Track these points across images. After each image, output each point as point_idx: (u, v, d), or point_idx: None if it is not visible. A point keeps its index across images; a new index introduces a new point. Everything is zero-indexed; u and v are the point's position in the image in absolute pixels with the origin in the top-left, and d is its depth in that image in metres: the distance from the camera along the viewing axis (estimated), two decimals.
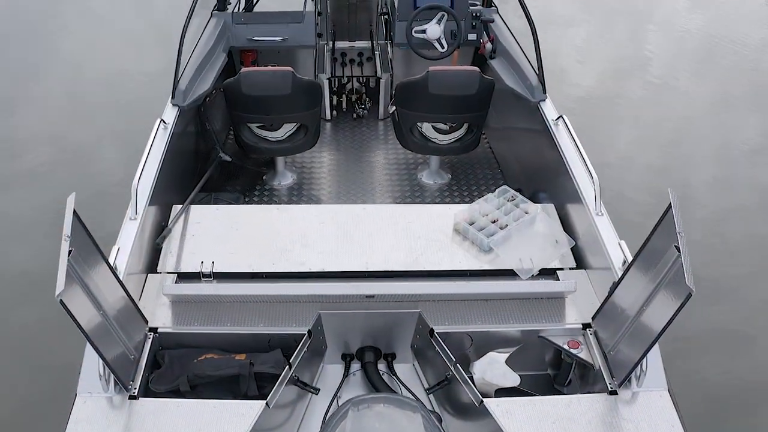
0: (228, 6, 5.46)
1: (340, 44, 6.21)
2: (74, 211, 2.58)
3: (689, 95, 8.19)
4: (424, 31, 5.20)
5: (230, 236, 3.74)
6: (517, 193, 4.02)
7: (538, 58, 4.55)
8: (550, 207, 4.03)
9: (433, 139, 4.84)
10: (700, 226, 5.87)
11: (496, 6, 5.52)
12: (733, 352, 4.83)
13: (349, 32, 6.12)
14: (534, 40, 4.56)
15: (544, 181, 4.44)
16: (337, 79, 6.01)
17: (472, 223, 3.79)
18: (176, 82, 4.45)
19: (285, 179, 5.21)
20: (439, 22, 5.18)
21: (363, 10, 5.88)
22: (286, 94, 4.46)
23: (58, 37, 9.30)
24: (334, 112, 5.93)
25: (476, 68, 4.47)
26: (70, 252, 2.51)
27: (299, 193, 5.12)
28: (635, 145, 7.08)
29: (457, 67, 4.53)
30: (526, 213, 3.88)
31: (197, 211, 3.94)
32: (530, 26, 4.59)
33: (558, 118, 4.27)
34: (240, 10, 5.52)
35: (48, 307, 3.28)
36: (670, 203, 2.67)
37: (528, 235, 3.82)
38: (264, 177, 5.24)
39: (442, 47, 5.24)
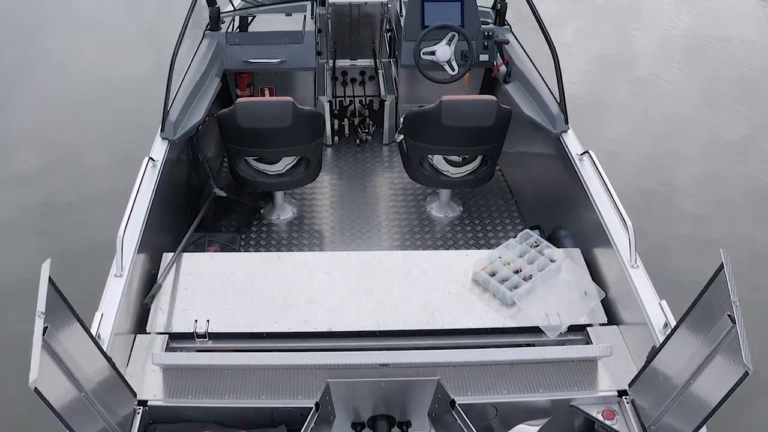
0: (221, 26, 5.18)
1: (341, 63, 5.95)
2: (50, 278, 2.31)
3: (676, 92, 8.29)
4: (432, 53, 4.94)
5: (227, 289, 3.47)
6: (541, 239, 3.77)
7: (560, 85, 4.29)
8: (576, 252, 3.78)
9: (444, 172, 4.58)
10: (688, 221, 6.08)
11: (509, 24, 5.26)
12: None
13: (351, 50, 5.87)
14: (555, 65, 4.31)
15: (567, 219, 4.19)
16: (338, 101, 5.75)
17: (493, 274, 3.54)
18: (166, 113, 4.17)
19: (284, 213, 4.94)
20: (449, 42, 4.93)
21: (365, 27, 5.63)
22: (286, 126, 4.20)
23: (47, 39, 9.26)
24: (336, 138, 5.66)
25: (493, 97, 4.21)
26: (45, 329, 2.25)
27: (300, 228, 4.86)
28: (622, 141, 7.05)
29: (472, 96, 4.27)
30: (551, 261, 3.63)
31: (190, 259, 3.67)
32: (551, 51, 4.34)
33: (583, 153, 4.02)
34: (234, 30, 5.25)
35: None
36: (722, 264, 2.43)
37: (554, 286, 3.56)
38: (262, 211, 4.97)
39: (453, 69, 4.98)
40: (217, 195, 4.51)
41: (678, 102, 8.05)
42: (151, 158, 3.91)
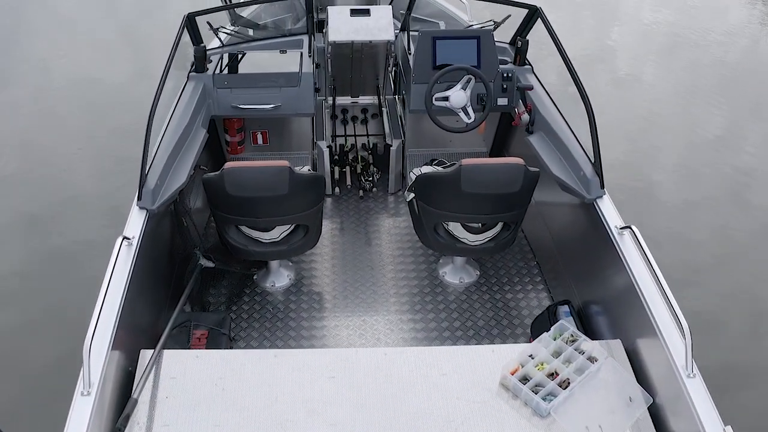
0: (207, 66, 4.77)
1: (341, 100, 5.55)
2: None
3: (654, 87, 8.54)
4: (446, 98, 4.53)
5: (215, 398, 3.06)
6: (579, 333, 3.37)
7: (595, 142, 3.90)
8: (617, 345, 3.38)
9: (462, 239, 4.18)
10: (666, 216, 6.26)
11: (530, 64, 4.86)
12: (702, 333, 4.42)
13: (352, 87, 5.47)
14: (589, 118, 3.91)
15: (601, 296, 3.79)
16: (338, 145, 5.35)
17: (524, 379, 3.14)
18: (143, 178, 3.75)
19: (280, 279, 4.54)
20: (464, 87, 4.53)
21: (368, 63, 5.24)
22: (282, 194, 3.80)
23: (26, 41, 9.37)
24: (337, 189, 5.24)
25: (520, 161, 3.81)
26: None
27: (297, 297, 4.45)
28: (601, 137, 7.00)
29: (496, 160, 3.87)
30: (590, 360, 3.24)
31: (172, 359, 3.25)
32: (584, 102, 3.95)
33: (624, 228, 3.62)
34: (222, 70, 4.84)
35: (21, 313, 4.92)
36: None
37: (594, 391, 3.17)
38: (255, 277, 4.57)
39: (468, 117, 4.58)
40: (204, 267, 4.11)
41: (656, 97, 8.32)
42: (125, 237, 3.50)
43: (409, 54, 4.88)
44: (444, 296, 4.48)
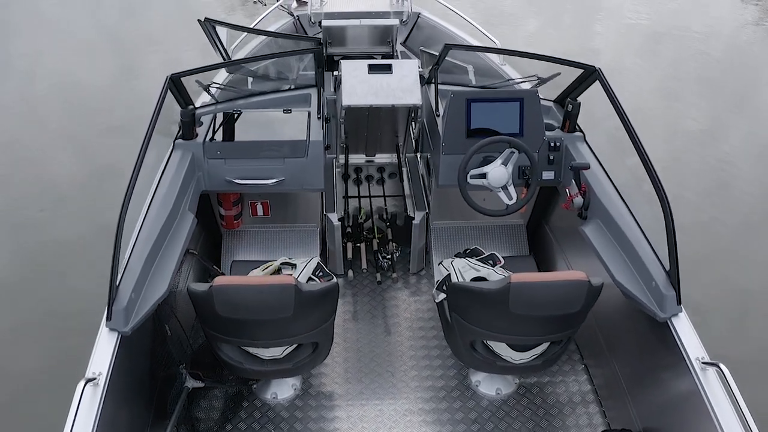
0: (197, 132, 4.08)
1: (354, 158, 4.87)
2: None
3: (637, 83, 8.73)
4: (483, 176, 3.85)
5: None
6: None
7: (672, 249, 3.20)
8: None
9: (504, 357, 3.50)
10: (649, 210, 6.08)
11: (582, 131, 4.17)
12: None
13: (367, 146, 4.79)
14: (666, 218, 3.21)
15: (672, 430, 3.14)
16: (351, 214, 4.66)
17: None
18: (113, 290, 3.05)
19: (283, 390, 3.85)
20: (506, 162, 3.84)
21: (387, 120, 4.57)
22: (287, 316, 3.11)
23: (9, 43, 9.58)
24: (350, 272, 4.54)
25: (582, 276, 3.11)
26: None
27: (304, 413, 3.75)
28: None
29: (554, 276, 3.18)
30: None
31: None
32: (660, 196, 3.26)
33: (710, 364, 2.95)
34: (215, 132, 4.15)
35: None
36: None
37: None
38: (254, 387, 3.89)
39: (510, 197, 3.89)
40: (191, 388, 3.43)
41: (637, 94, 8.40)
42: (88, 380, 2.81)
43: (437, 116, 4.19)
44: (478, 410, 3.80)
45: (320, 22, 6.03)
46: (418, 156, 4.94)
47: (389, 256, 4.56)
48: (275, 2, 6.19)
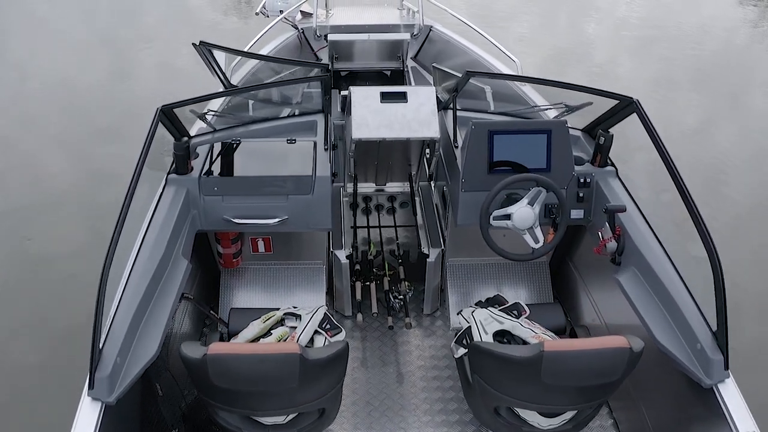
0: (192, 165, 3.73)
1: (363, 187, 4.53)
2: None
3: (630, 80, 8.81)
4: (507, 216, 3.50)
5: None
6: None
7: (720, 308, 2.86)
8: None
9: (531, 423, 3.15)
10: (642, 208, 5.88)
11: (614, 165, 3.81)
12: None
13: (377, 175, 4.45)
14: (714, 274, 2.86)
15: None
16: (360, 250, 4.30)
17: None
18: (96, 354, 2.70)
19: None
20: (532, 202, 3.49)
21: (399, 149, 4.23)
22: (291, 387, 2.77)
23: (1, 42, 9.66)
24: (360, 315, 4.16)
25: (623, 342, 2.76)
26: None
27: None
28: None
29: (591, 343, 2.82)
30: None
31: None
32: (707, 248, 2.91)
33: None
34: (212, 164, 3.81)
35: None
36: None
37: None
38: None
39: (536, 240, 3.54)
40: None
41: (630, 91, 8.37)
42: None
43: (456, 147, 3.83)
44: None
45: (326, 36, 5.68)
46: (433, 185, 4.59)
47: (401, 297, 4.20)
48: (278, 14, 5.82)
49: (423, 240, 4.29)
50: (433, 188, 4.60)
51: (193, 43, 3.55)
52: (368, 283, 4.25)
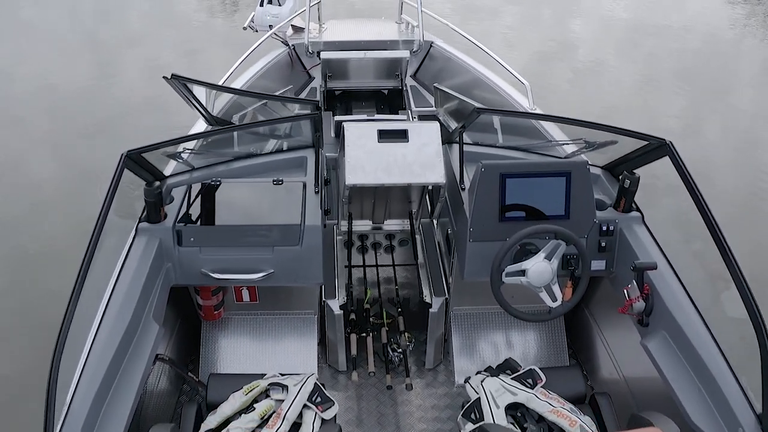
0: (164, 212, 3.32)
1: (359, 225, 4.13)
2: None
3: (615, 77, 8.86)
4: (522, 272, 3.10)
5: None
6: None
7: (767, 384, 2.47)
8: None
9: None
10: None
11: (640, 210, 3.40)
12: None
13: (374, 214, 4.05)
14: (761, 347, 2.49)
15: None
16: (354, 298, 3.89)
17: None
18: None
19: None
20: (550, 256, 3.09)
21: (398, 191, 3.82)
22: None
23: None
24: (355, 374, 3.69)
25: None
26: None
27: None
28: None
29: None
30: None
31: None
32: (754, 324, 2.52)
33: None
34: (189, 207, 3.40)
35: None
36: None
37: None
38: None
39: (554, 299, 3.14)
40: None
41: (615, 88, 8.61)
42: None
43: (462, 188, 3.43)
44: None
45: (319, 53, 5.27)
46: (435, 222, 4.19)
47: (399, 350, 3.79)
48: (268, 29, 5.40)
49: (425, 286, 3.88)
50: (435, 225, 4.21)
51: (164, 77, 3.13)
52: (364, 334, 3.84)
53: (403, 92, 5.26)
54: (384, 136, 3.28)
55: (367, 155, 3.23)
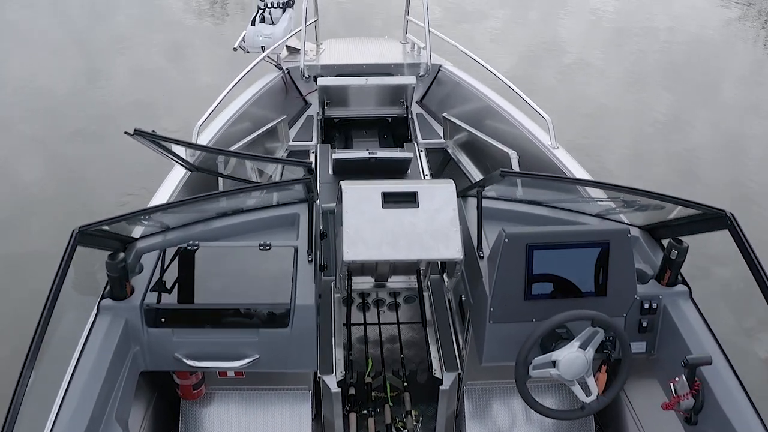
0: (131, 287, 2.83)
1: (359, 282, 3.66)
2: None
3: (603, 76, 9.00)
4: (552, 363, 2.62)
5: None
6: None
7: None
8: None
9: None
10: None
11: (687, 284, 2.91)
12: None
13: (377, 271, 3.58)
14: None
15: None
16: (354, 370, 3.42)
17: None
18: None
19: None
20: (585, 345, 2.61)
21: None
22: None
23: None
24: None
25: None
26: None
27: None
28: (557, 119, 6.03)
29: None
30: None
31: None
32: None
33: None
34: (159, 281, 2.92)
35: None
36: None
37: None
38: None
39: (588, 393, 2.66)
40: None
41: (603, 86, 8.72)
42: None
43: (480, 257, 2.95)
44: None
45: (316, 77, 4.79)
46: (445, 279, 3.71)
47: (406, 430, 3.32)
48: (260, 50, 4.91)
49: (434, 356, 3.40)
50: (446, 282, 3.73)
51: (125, 132, 2.64)
52: (365, 411, 3.37)
53: (409, 121, 4.78)
54: (389, 199, 2.79)
55: (369, 224, 2.74)
